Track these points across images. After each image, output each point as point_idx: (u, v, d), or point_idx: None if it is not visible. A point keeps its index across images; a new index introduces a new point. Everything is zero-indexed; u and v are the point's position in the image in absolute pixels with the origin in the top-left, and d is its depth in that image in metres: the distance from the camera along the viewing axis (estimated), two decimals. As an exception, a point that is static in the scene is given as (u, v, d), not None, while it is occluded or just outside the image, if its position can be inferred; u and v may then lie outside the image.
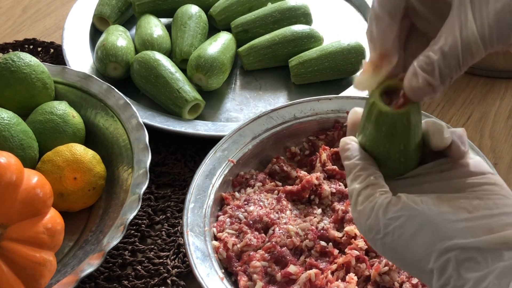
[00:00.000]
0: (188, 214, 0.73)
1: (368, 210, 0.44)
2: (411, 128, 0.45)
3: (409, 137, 0.46)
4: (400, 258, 0.43)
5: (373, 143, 0.47)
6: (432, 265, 0.41)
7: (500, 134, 0.92)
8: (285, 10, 1.05)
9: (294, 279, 0.68)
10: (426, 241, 0.42)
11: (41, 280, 0.66)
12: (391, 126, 0.45)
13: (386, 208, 0.44)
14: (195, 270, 0.68)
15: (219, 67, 0.96)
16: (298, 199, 0.78)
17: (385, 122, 0.45)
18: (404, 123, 0.45)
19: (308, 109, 0.85)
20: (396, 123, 0.45)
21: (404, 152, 0.46)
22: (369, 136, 0.47)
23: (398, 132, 0.45)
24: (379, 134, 0.46)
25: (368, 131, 0.47)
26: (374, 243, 0.45)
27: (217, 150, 0.81)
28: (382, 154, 0.47)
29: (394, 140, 0.46)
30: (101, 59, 0.97)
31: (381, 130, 0.45)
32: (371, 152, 0.47)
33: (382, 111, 0.45)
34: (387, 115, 0.45)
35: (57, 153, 0.79)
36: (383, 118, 0.45)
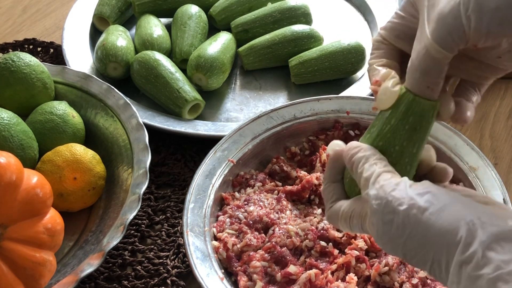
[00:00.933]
0: (188, 214, 0.73)
1: (393, 184, 0.44)
2: (429, 128, 0.47)
3: (424, 138, 0.47)
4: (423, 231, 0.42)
5: (389, 141, 0.48)
6: (460, 235, 0.40)
7: (500, 134, 0.92)
8: (285, 10, 1.05)
9: (294, 279, 0.68)
10: (456, 214, 0.41)
11: (41, 280, 0.66)
12: (419, 117, 0.46)
13: (412, 185, 0.44)
14: (195, 270, 0.68)
15: (219, 67, 0.96)
16: (298, 199, 0.78)
17: (415, 111, 0.46)
18: (430, 117, 0.46)
19: (308, 109, 0.85)
20: (424, 114, 0.46)
21: (412, 158, 0.48)
22: (387, 133, 0.48)
23: (422, 126, 0.46)
24: (402, 127, 0.47)
25: (389, 127, 0.48)
26: (391, 218, 0.44)
27: (217, 150, 0.81)
28: (395, 156, 0.48)
29: (413, 137, 0.47)
30: (101, 59, 0.97)
31: (407, 122, 0.47)
32: (383, 153, 0.48)
33: (416, 99, 0.46)
34: (419, 103, 0.46)
35: (57, 153, 0.78)
36: (414, 107, 0.46)
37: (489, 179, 0.75)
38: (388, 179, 0.45)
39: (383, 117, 0.48)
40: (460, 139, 0.79)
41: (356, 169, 0.48)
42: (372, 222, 0.45)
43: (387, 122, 0.48)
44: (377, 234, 0.45)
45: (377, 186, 0.45)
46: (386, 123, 0.48)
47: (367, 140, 0.49)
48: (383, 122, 0.48)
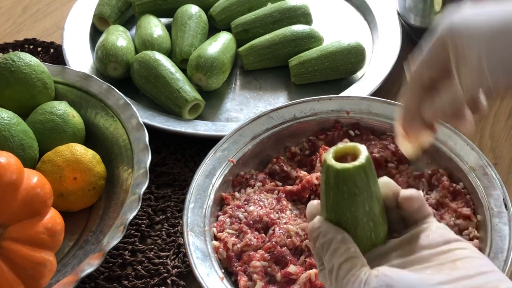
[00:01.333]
0: (188, 214, 0.73)
1: (350, 284, 0.44)
2: (370, 183, 0.46)
3: (371, 193, 0.46)
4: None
5: (338, 212, 0.47)
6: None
7: (500, 134, 0.92)
8: (285, 10, 1.05)
9: (294, 279, 0.68)
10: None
11: (41, 280, 0.66)
12: (351, 183, 0.45)
13: (367, 281, 0.43)
14: (195, 270, 0.68)
15: (219, 67, 0.96)
16: (298, 199, 0.78)
17: (345, 180, 0.45)
18: (363, 177, 0.45)
19: (308, 109, 0.85)
20: (356, 179, 0.45)
21: (370, 214, 0.46)
22: (333, 206, 0.47)
23: (359, 188, 0.45)
24: (342, 198, 0.46)
25: (331, 200, 0.47)
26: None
27: (217, 150, 0.81)
28: (350, 222, 0.47)
29: (358, 200, 0.46)
30: (101, 59, 0.97)
31: (343, 192, 0.46)
32: (339, 224, 0.47)
33: (339, 169, 0.45)
34: (345, 172, 0.45)
35: (57, 153, 0.79)
36: (342, 177, 0.45)
37: (489, 179, 0.75)
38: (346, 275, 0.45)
39: (323, 190, 0.48)
40: (460, 139, 0.79)
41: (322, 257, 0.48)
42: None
43: (328, 196, 0.47)
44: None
45: (338, 285, 0.45)
46: (328, 197, 0.47)
47: (323, 214, 0.49)
48: (325, 196, 0.47)
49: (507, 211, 0.71)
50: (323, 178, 0.47)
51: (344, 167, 0.45)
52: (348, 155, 0.47)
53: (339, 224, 0.47)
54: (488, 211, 0.72)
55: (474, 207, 0.74)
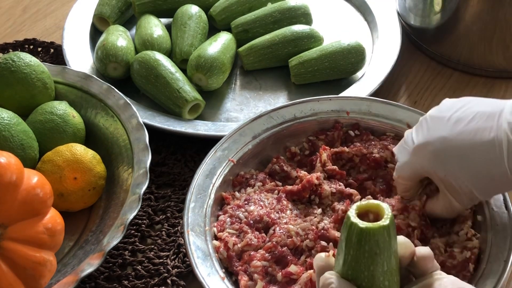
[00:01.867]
0: (189, 213, 0.73)
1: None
2: (391, 243, 0.46)
3: (391, 253, 0.46)
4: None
5: (356, 269, 0.47)
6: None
7: (500, 134, 0.92)
8: (285, 10, 1.05)
9: (295, 279, 0.68)
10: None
11: (41, 280, 0.66)
12: (374, 243, 0.45)
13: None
14: (196, 270, 0.68)
15: (219, 67, 0.96)
16: (298, 199, 0.78)
17: (368, 239, 0.45)
18: (385, 238, 0.45)
19: (308, 109, 0.85)
20: (378, 239, 0.45)
21: (387, 273, 0.47)
22: (351, 262, 0.47)
23: (380, 248, 0.46)
24: (362, 256, 0.46)
25: (350, 257, 0.47)
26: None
27: (217, 150, 0.81)
28: (367, 280, 0.47)
29: (377, 260, 0.46)
30: (101, 59, 0.97)
31: (364, 250, 0.46)
32: (355, 281, 0.47)
33: (363, 228, 0.45)
34: (368, 232, 0.45)
35: (57, 153, 0.79)
36: (365, 236, 0.45)
37: None
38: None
39: (342, 246, 0.47)
40: None
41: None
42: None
43: (347, 253, 0.47)
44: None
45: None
46: (347, 253, 0.47)
47: (338, 268, 0.49)
48: (344, 252, 0.47)
49: (507, 211, 0.71)
50: (344, 235, 0.47)
51: (368, 227, 0.45)
52: (370, 213, 0.47)
53: (354, 281, 0.47)
54: (489, 211, 0.72)
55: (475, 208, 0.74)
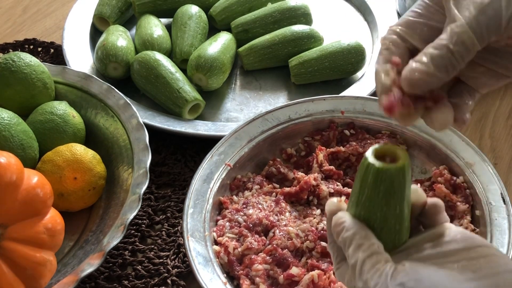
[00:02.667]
0: (188, 219, 0.73)
1: (376, 277, 0.44)
2: (406, 186, 0.46)
3: (404, 197, 0.47)
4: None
5: (369, 209, 0.47)
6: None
7: (500, 134, 0.92)
8: (285, 10, 1.05)
9: (297, 280, 0.68)
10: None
11: (41, 280, 0.66)
12: (389, 183, 0.46)
13: (393, 275, 0.43)
14: (198, 276, 0.68)
15: (219, 67, 0.96)
16: (297, 201, 0.78)
17: (383, 179, 0.46)
18: (400, 180, 0.46)
19: (303, 110, 0.86)
20: (394, 180, 0.46)
21: (399, 217, 0.47)
22: (364, 203, 0.47)
23: (395, 190, 0.46)
24: (376, 196, 0.46)
25: (364, 197, 0.47)
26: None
27: (213, 154, 0.80)
28: (379, 222, 0.47)
29: (391, 202, 0.46)
30: (101, 59, 0.97)
31: (379, 191, 0.46)
32: (367, 222, 0.48)
33: (380, 168, 0.46)
34: (385, 172, 0.45)
35: (57, 153, 0.79)
36: (381, 176, 0.46)
37: (486, 174, 0.75)
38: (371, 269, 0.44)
39: (357, 185, 0.48)
40: (455, 135, 0.80)
41: (344, 249, 0.48)
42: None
43: (362, 193, 0.47)
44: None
45: (362, 279, 0.45)
46: (361, 193, 0.47)
47: (351, 207, 0.49)
48: (358, 192, 0.48)
49: (505, 205, 0.72)
50: (360, 175, 0.47)
51: (385, 167, 0.46)
52: (387, 156, 0.47)
53: (366, 222, 0.48)
54: (487, 206, 0.72)
55: (473, 203, 0.74)
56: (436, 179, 0.77)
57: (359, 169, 0.48)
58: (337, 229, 0.48)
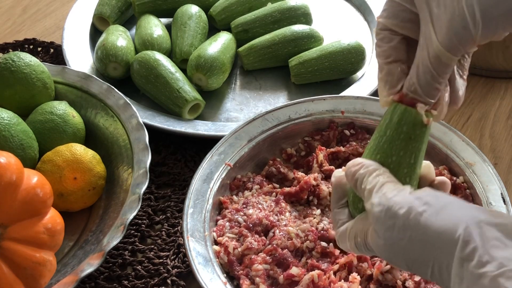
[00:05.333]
0: (188, 219, 0.73)
1: (395, 191, 0.46)
2: (424, 138, 0.49)
3: (420, 148, 0.49)
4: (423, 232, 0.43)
5: (387, 152, 0.49)
6: (459, 233, 0.40)
7: (500, 134, 0.92)
8: (285, 10, 1.05)
9: (297, 281, 0.68)
10: (453, 214, 0.42)
11: (41, 280, 0.66)
12: (411, 127, 0.48)
13: (412, 191, 0.46)
14: (198, 276, 0.68)
15: (219, 67, 0.96)
16: (297, 201, 0.78)
17: (408, 121, 0.48)
18: (422, 129, 0.48)
19: (303, 110, 0.86)
20: (416, 124, 0.48)
21: (411, 168, 0.49)
22: (383, 145, 0.49)
23: (416, 135, 0.48)
24: (397, 137, 0.49)
25: (385, 138, 0.49)
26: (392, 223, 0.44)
27: (213, 154, 0.80)
28: (392, 167, 0.49)
29: (409, 147, 0.48)
30: (101, 59, 0.97)
31: (401, 132, 0.48)
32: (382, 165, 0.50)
33: (407, 109, 0.48)
34: (410, 114, 0.48)
35: (57, 153, 0.79)
36: (407, 116, 0.48)
37: (486, 174, 0.75)
38: (391, 187, 0.46)
39: (379, 130, 0.50)
40: (455, 135, 0.80)
41: (360, 185, 0.49)
42: (375, 230, 0.46)
43: (383, 134, 0.49)
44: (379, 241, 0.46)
45: (380, 194, 0.46)
46: (382, 135, 0.50)
47: (367, 155, 0.51)
48: (379, 135, 0.50)
49: (505, 205, 0.72)
50: (386, 116, 0.49)
51: (412, 109, 0.48)
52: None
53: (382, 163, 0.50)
54: (487, 206, 0.72)
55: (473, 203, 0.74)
56: None
57: (385, 114, 0.50)
58: (355, 168, 0.50)
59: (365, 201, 0.48)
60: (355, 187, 0.50)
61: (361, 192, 0.49)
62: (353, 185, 0.51)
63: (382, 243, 0.46)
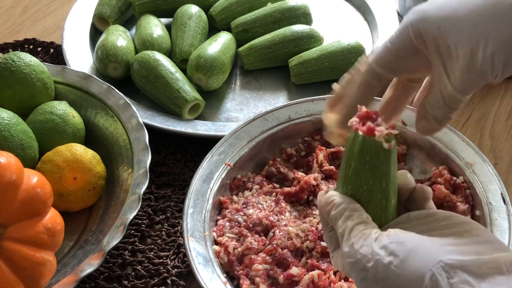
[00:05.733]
0: (188, 219, 0.73)
1: (362, 240, 0.45)
2: (391, 161, 0.47)
3: (389, 171, 0.48)
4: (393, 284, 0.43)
5: (356, 183, 0.48)
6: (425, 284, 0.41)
7: (500, 134, 0.92)
8: (285, 10, 1.05)
9: (297, 280, 0.68)
10: (418, 263, 0.42)
11: (41, 280, 0.66)
12: (374, 155, 0.47)
13: (378, 238, 0.45)
14: (198, 276, 0.68)
15: (219, 67, 0.96)
16: (297, 201, 0.78)
17: (369, 150, 0.47)
18: (385, 152, 0.47)
19: (303, 110, 0.86)
20: (379, 151, 0.47)
21: (385, 192, 0.48)
22: (351, 176, 0.48)
23: (380, 162, 0.47)
24: (362, 168, 0.47)
25: (351, 170, 0.48)
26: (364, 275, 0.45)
27: (213, 154, 0.80)
28: (365, 195, 0.48)
29: (376, 174, 0.47)
30: (101, 59, 0.97)
31: (365, 162, 0.47)
32: (354, 197, 0.49)
33: (365, 137, 0.47)
34: (370, 142, 0.47)
35: (57, 153, 0.79)
36: (367, 146, 0.47)
37: (486, 174, 0.75)
38: (358, 234, 0.46)
39: (344, 161, 0.49)
40: (455, 135, 0.80)
41: (334, 225, 0.49)
42: (353, 278, 0.47)
43: (348, 166, 0.49)
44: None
45: (349, 243, 0.46)
46: (348, 166, 0.49)
47: (339, 186, 0.50)
48: (345, 166, 0.49)
49: (505, 205, 0.72)
50: (348, 147, 0.49)
51: (370, 138, 0.47)
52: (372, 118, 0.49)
53: (353, 197, 0.49)
54: (487, 206, 0.72)
55: (473, 203, 0.74)
56: (436, 179, 0.77)
57: (346, 144, 0.49)
58: (327, 207, 0.50)
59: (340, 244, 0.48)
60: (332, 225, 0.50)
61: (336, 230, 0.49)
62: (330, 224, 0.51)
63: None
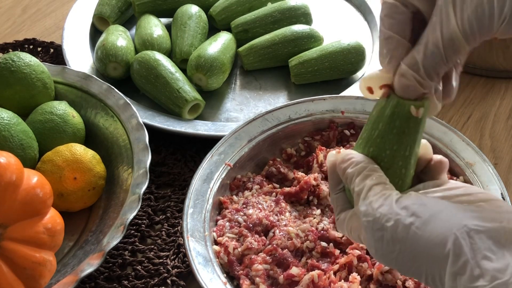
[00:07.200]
0: (188, 219, 0.73)
1: (381, 200, 0.44)
2: (419, 130, 0.46)
3: (415, 140, 0.46)
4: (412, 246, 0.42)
5: (380, 146, 0.47)
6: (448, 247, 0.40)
7: (500, 134, 0.92)
8: (285, 10, 1.05)
9: (297, 281, 0.68)
10: (442, 226, 0.41)
11: (41, 280, 0.66)
12: (405, 120, 0.45)
13: (399, 199, 0.44)
14: (198, 276, 0.68)
15: (219, 67, 0.96)
16: (297, 201, 0.78)
17: (401, 114, 0.45)
18: (416, 120, 0.45)
19: (303, 110, 0.86)
20: (410, 118, 0.45)
21: (406, 161, 0.47)
22: (376, 138, 0.47)
23: (410, 129, 0.45)
24: (390, 131, 0.46)
25: (377, 132, 0.47)
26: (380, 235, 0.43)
27: (213, 154, 0.80)
28: (387, 160, 0.47)
29: (403, 140, 0.46)
30: (101, 59, 0.97)
31: (394, 126, 0.46)
32: (375, 159, 0.47)
33: (400, 101, 0.45)
34: (403, 106, 0.45)
35: (57, 153, 0.78)
36: (399, 110, 0.45)
37: (486, 174, 0.75)
38: (377, 193, 0.45)
39: (371, 121, 0.47)
40: (455, 135, 0.80)
41: (349, 184, 0.48)
42: (365, 238, 0.46)
43: (375, 127, 0.47)
44: (371, 249, 0.45)
45: (366, 202, 0.45)
46: (374, 128, 0.47)
47: (359, 147, 0.49)
48: (371, 127, 0.47)
49: None
50: (377, 108, 0.47)
51: (404, 101, 0.45)
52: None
53: (375, 157, 0.47)
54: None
55: None
56: None
57: (376, 104, 0.47)
58: (344, 164, 0.48)
59: (355, 204, 0.47)
60: (347, 184, 0.49)
61: (351, 191, 0.48)
62: (345, 182, 0.49)
63: (374, 252, 0.45)
